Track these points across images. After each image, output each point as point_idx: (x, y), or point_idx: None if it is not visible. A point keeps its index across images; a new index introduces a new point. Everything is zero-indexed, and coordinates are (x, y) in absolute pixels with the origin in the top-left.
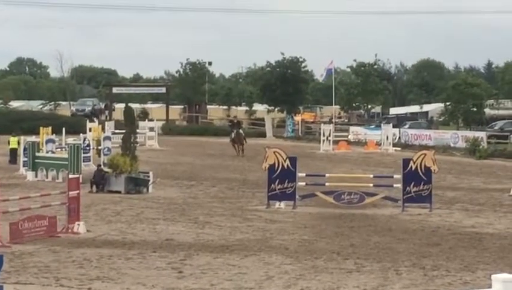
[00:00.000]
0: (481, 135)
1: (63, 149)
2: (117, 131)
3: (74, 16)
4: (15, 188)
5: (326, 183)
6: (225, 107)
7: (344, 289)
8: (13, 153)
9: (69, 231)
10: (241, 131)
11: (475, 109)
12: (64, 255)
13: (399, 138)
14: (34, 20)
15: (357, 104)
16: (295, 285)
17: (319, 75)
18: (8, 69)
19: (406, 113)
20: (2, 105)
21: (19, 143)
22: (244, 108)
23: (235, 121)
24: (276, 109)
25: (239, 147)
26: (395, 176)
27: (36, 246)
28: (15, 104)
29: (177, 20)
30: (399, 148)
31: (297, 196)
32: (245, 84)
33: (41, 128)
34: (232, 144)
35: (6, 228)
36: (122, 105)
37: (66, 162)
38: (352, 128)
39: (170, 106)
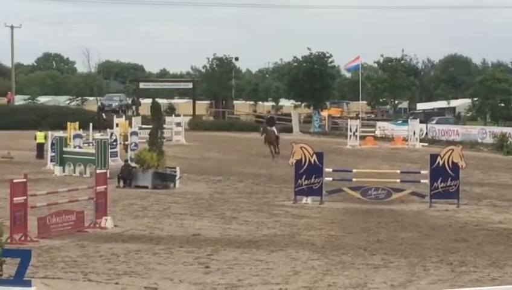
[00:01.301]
0: (509, 130)
1: (91, 144)
2: (144, 126)
3: (102, 11)
4: (43, 183)
5: (353, 179)
6: (252, 102)
7: (371, 285)
8: (40, 147)
9: (97, 225)
10: (274, 128)
11: (503, 105)
12: (91, 250)
13: (426, 133)
14: (62, 15)
15: (383, 99)
16: (322, 280)
17: (344, 66)
18: (35, 64)
19: (433, 109)
20: (29, 100)
21: (45, 138)
22: (270, 103)
23: (269, 116)
24: (303, 104)
25: (273, 147)
26: (422, 172)
27: (64, 241)
28: (42, 99)
29: (204, 15)
30: (426, 144)
31: (324, 192)
32: (272, 80)
33: (68, 123)
34: (267, 144)
35: (34, 223)
36: (149, 100)
37: (94, 157)
38: (379, 124)
39: (197, 101)
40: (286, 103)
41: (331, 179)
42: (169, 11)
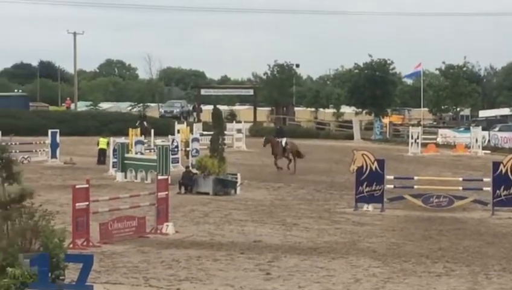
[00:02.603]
0: None
1: (152, 150)
2: (205, 132)
3: (163, 18)
4: (104, 188)
5: (415, 186)
6: (313, 109)
7: None
8: (101, 153)
9: (158, 231)
10: (282, 140)
11: None
12: (153, 256)
13: (488, 140)
14: (123, 22)
15: (445, 106)
16: (383, 288)
17: (405, 75)
18: (97, 70)
19: (495, 116)
20: (91, 106)
21: (108, 144)
22: (331, 110)
23: (278, 127)
24: (364, 111)
25: (275, 158)
26: (484, 179)
27: (125, 247)
28: (104, 105)
29: (265, 22)
30: (488, 151)
31: (385, 199)
32: (333, 86)
33: (130, 129)
34: (273, 156)
35: (96, 228)
36: (210, 107)
37: (155, 164)
38: (441, 131)
39: (258, 108)
40: (347, 110)
41: (392, 186)
42: (231, 18)
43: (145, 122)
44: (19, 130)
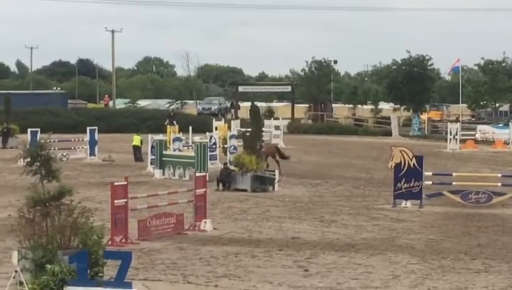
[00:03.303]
0: None
1: (190, 147)
2: (243, 129)
3: (201, 15)
4: (143, 185)
5: (453, 183)
6: (350, 105)
7: (472, 289)
8: (136, 150)
9: (196, 228)
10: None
11: None
12: (191, 253)
13: None
14: (161, 19)
15: (484, 102)
16: (422, 285)
17: (444, 72)
18: (135, 68)
19: None
20: (129, 104)
21: (141, 142)
22: (369, 106)
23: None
24: (402, 108)
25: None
26: None
27: (164, 243)
28: (142, 102)
29: (302, 18)
30: None
31: (423, 195)
32: (370, 83)
33: (168, 126)
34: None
35: (134, 225)
36: (248, 103)
37: (193, 161)
38: (479, 127)
39: (295, 105)
40: (385, 106)
41: (430, 182)
42: (268, 15)
43: (174, 121)
44: (58, 128)
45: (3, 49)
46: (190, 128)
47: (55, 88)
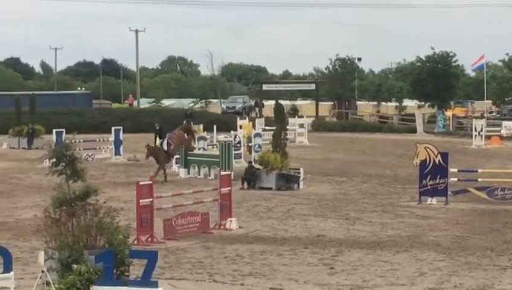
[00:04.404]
0: None
1: (214, 146)
2: (267, 128)
3: (224, 14)
4: (168, 185)
5: (479, 179)
6: (375, 103)
7: (498, 286)
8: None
9: (221, 227)
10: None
11: None
12: (217, 251)
13: None
14: (185, 19)
15: (509, 98)
16: (448, 282)
17: (469, 67)
18: (159, 67)
19: None
20: (153, 103)
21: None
22: (394, 104)
23: (157, 126)
24: (427, 104)
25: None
26: None
27: (189, 242)
28: (166, 102)
29: (326, 16)
30: None
31: (449, 192)
32: (395, 80)
33: (192, 125)
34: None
35: (160, 225)
36: (272, 102)
37: (218, 159)
38: (504, 123)
39: (320, 102)
40: (410, 103)
41: (456, 179)
42: (292, 13)
43: (191, 122)
44: (83, 128)
45: (27, 50)
46: (214, 127)
47: (79, 88)
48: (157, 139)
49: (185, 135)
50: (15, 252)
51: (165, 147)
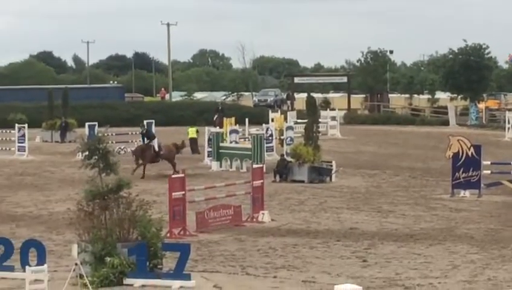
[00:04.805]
0: None
1: (247, 139)
2: (299, 121)
3: (256, 7)
4: (200, 178)
5: None
6: (407, 95)
7: None
8: (193, 142)
9: (254, 220)
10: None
11: None
12: (249, 244)
13: None
14: (216, 12)
15: None
16: (481, 274)
17: (503, 59)
18: (191, 61)
19: None
20: (185, 96)
21: (197, 132)
22: (426, 96)
23: (142, 128)
24: (459, 97)
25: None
26: None
27: (222, 235)
28: (198, 95)
29: (358, 9)
30: None
31: (482, 185)
32: (427, 72)
33: (224, 119)
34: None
35: (192, 217)
36: (304, 95)
37: (250, 152)
38: None
39: (352, 95)
40: (442, 96)
41: (489, 171)
42: (324, 6)
43: (223, 116)
44: (115, 121)
45: (60, 45)
46: (246, 120)
47: (111, 82)
48: (145, 140)
49: (175, 148)
50: (49, 245)
51: (156, 147)
